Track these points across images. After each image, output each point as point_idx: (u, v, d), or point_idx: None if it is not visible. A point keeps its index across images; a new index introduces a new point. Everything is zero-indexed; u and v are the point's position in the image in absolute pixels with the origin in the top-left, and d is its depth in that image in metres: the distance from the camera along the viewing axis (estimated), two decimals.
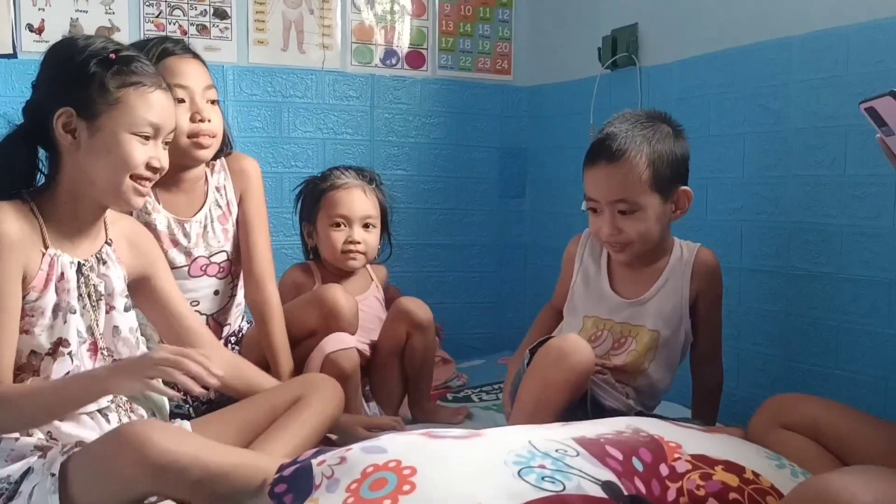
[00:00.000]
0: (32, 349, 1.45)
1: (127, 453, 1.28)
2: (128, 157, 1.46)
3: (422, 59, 2.92)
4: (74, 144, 1.45)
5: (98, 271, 1.54)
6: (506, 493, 1.12)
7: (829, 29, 1.91)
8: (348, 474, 1.18)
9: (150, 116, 1.48)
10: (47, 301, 1.46)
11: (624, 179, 1.68)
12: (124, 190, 1.49)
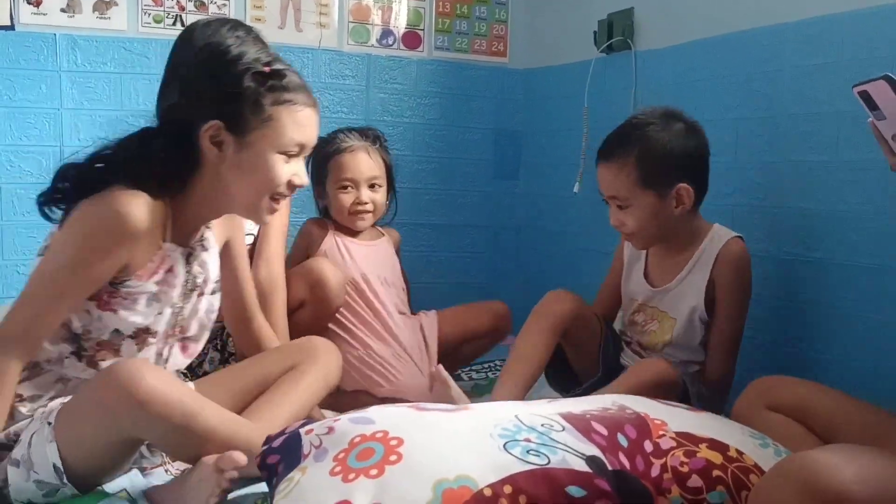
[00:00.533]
0: (117, 328, 1.42)
1: (116, 387, 1.29)
2: (273, 178, 1.44)
3: (418, 40, 2.91)
4: (219, 157, 1.42)
5: (200, 259, 1.53)
6: (491, 465, 1.13)
7: (823, 15, 1.92)
8: (336, 444, 1.20)
9: (298, 136, 1.45)
10: (146, 288, 1.43)
11: (614, 178, 1.80)
12: (261, 208, 1.47)
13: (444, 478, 1.11)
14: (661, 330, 1.88)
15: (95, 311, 1.41)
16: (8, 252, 2.37)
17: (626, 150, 1.77)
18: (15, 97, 2.35)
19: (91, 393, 1.34)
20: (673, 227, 1.82)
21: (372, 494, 1.09)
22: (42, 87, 2.38)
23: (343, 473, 1.13)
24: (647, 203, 1.78)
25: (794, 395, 1.48)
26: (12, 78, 2.34)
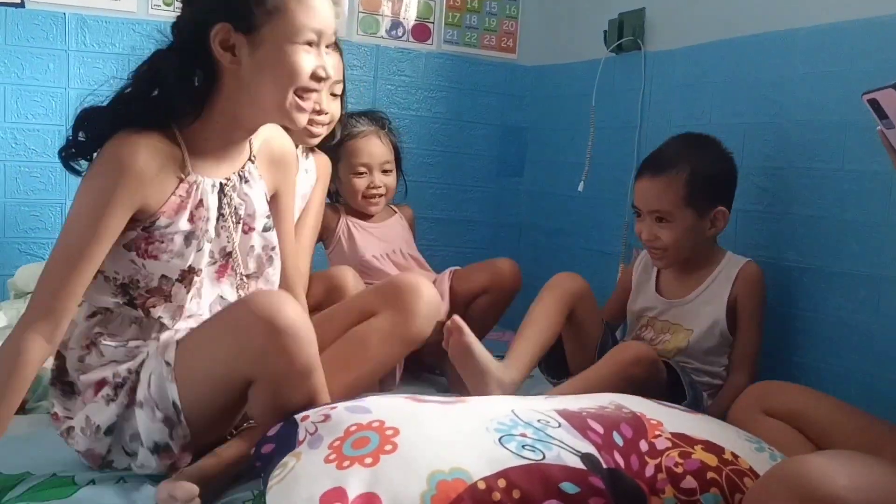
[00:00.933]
0: (164, 274, 1.40)
1: (256, 312, 1.27)
2: (296, 69, 1.37)
3: (427, 33, 2.91)
4: (235, 62, 1.36)
5: (240, 190, 1.47)
6: (486, 459, 1.13)
7: (834, 23, 1.91)
8: (332, 432, 1.20)
9: (312, 23, 1.37)
10: (180, 228, 1.39)
11: (661, 194, 1.88)
12: (288, 107, 1.39)
13: (439, 469, 1.11)
14: (675, 339, 1.93)
15: (139, 261, 1.39)
16: (10, 229, 2.37)
17: (677, 168, 1.87)
18: (23, 75, 2.35)
19: (225, 316, 1.33)
20: (698, 249, 1.93)
21: (366, 483, 1.10)
22: (50, 66, 2.38)
23: (338, 461, 1.14)
24: (687, 221, 1.88)
25: (790, 401, 1.49)
26: (21, 55, 2.34)
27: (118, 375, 1.39)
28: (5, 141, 2.35)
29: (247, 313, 1.29)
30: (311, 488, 1.10)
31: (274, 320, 1.26)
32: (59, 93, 2.39)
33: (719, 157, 1.93)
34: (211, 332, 1.35)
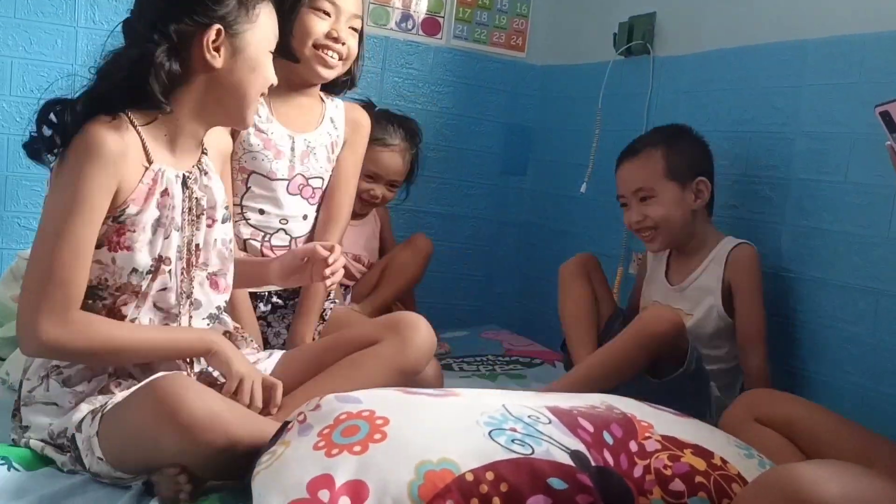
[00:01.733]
0: (134, 267, 1.42)
1: (158, 412, 1.25)
2: (268, 76, 1.50)
3: (437, 27, 2.91)
4: (216, 62, 1.43)
5: (201, 183, 1.51)
6: (475, 451, 1.13)
7: (845, 35, 1.91)
8: (321, 420, 1.20)
9: (275, 33, 1.52)
10: (148, 216, 1.42)
11: (639, 170, 1.98)
12: (252, 111, 1.51)
13: (428, 460, 1.11)
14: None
15: (108, 256, 1.40)
16: (11, 203, 2.37)
17: (653, 145, 1.98)
18: (30, 49, 2.34)
19: (131, 418, 1.30)
20: (691, 227, 1.98)
21: (354, 470, 1.09)
22: (58, 42, 2.37)
23: (326, 448, 1.13)
24: (671, 194, 1.95)
25: (782, 410, 1.49)
26: (29, 30, 2.33)
27: (52, 434, 1.40)
28: (10, 114, 2.34)
29: (149, 411, 1.27)
30: (299, 475, 1.10)
31: (177, 414, 1.23)
32: (65, 69, 2.38)
33: (693, 138, 2.02)
34: (125, 426, 1.32)
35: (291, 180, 1.96)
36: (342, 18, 1.92)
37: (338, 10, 1.91)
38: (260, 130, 1.92)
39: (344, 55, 1.95)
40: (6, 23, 2.31)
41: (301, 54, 1.91)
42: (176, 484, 1.27)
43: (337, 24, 1.92)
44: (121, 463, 1.32)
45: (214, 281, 1.56)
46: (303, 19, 1.89)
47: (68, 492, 1.31)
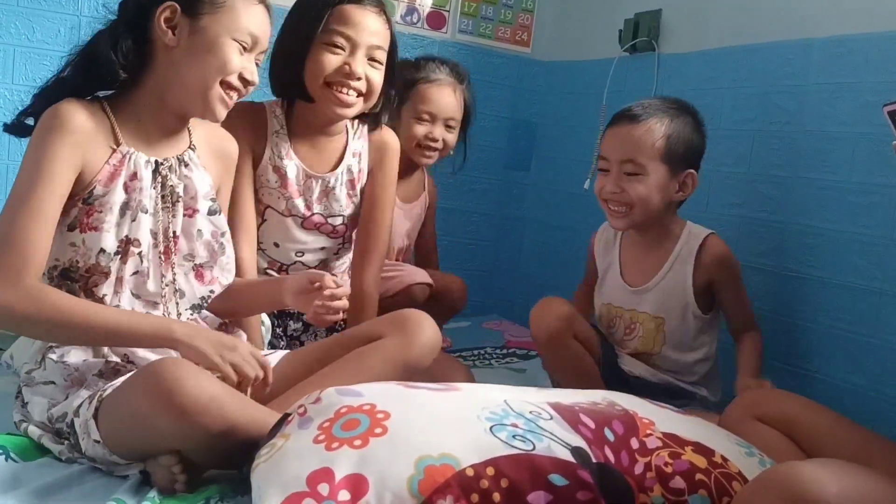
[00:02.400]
0: (101, 247, 1.43)
1: (154, 397, 1.24)
2: (226, 61, 1.45)
3: (442, 21, 2.90)
4: (172, 41, 1.44)
5: (179, 173, 1.52)
6: (476, 447, 1.13)
7: (850, 34, 1.90)
8: (322, 413, 1.19)
9: (251, 27, 1.48)
10: (115, 198, 1.44)
11: (638, 141, 1.79)
12: (212, 96, 1.47)
13: (428, 454, 1.10)
14: (648, 333, 1.86)
15: (79, 237, 1.43)
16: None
17: (658, 119, 1.80)
18: (32, 38, 2.34)
19: (129, 401, 1.30)
20: (660, 216, 1.84)
21: (354, 464, 1.09)
22: (61, 31, 2.36)
23: (327, 442, 1.13)
24: (659, 176, 1.79)
25: (783, 409, 1.48)
26: (32, 18, 2.33)
27: (52, 417, 1.40)
28: (11, 102, 2.33)
29: (145, 397, 1.26)
30: (299, 468, 1.10)
31: (174, 397, 1.23)
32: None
33: (697, 123, 1.86)
34: (122, 412, 1.31)
35: (308, 218, 1.91)
36: (359, 51, 1.77)
37: (353, 42, 1.78)
38: (277, 167, 1.86)
39: (363, 90, 1.81)
40: (9, 11, 2.30)
41: (314, 93, 1.81)
42: (171, 473, 1.27)
43: (352, 58, 1.77)
44: (117, 446, 1.32)
45: (200, 272, 1.57)
46: (314, 55, 1.78)
47: (65, 482, 1.31)
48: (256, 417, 1.29)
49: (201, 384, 1.25)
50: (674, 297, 1.84)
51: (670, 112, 1.82)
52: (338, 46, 1.77)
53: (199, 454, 1.29)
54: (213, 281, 1.59)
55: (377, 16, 1.81)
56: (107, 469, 1.35)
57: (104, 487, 1.31)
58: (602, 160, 1.85)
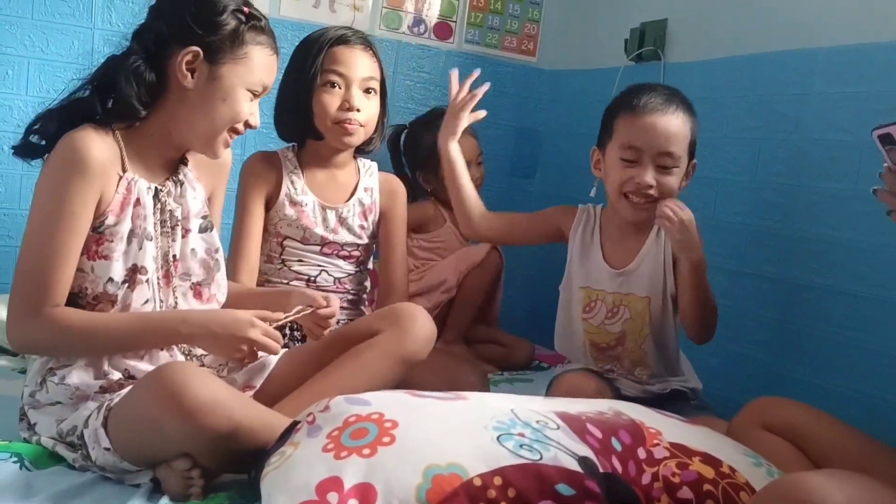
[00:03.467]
0: (110, 276, 1.45)
1: (161, 399, 1.27)
2: (238, 111, 1.50)
3: (449, 31, 2.92)
4: (190, 84, 1.46)
5: (175, 195, 1.54)
6: (483, 456, 1.13)
7: (855, 44, 1.92)
8: (330, 422, 1.20)
9: (265, 78, 1.53)
10: (125, 227, 1.46)
11: (678, 133, 1.72)
12: (217, 140, 1.52)
13: (436, 464, 1.11)
14: (636, 313, 1.80)
15: (87, 264, 1.44)
16: (25, 202, 2.37)
17: (683, 110, 1.75)
18: (47, 50, 2.36)
19: (137, 407, 1.32)
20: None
21: (362, 473, 1.10)
22: (74, 43, 2.39)
23: (335, 450, 1.14)
24: (683, 168, 1.76)
25: (790, 417, 1.48)
26: (46, 30, 2.35)
27: (62, 432, 1.42)
28: (26, 114, 2.35)
29: (152, 400, 1.29)
30: (308, 476, 1.11)
31: (181, 399, 1.25)
32: (81, 71, 2.37)
33: (693, 110, 1.80)
34: (130, 416, 1.33)
35: (325, 245, 2.01)
36: (353, 86, 1.93)
37: (346, 79, 1.93)
38: (294, 202, 1.97)
39: (362, 121, 1.96)
40: (23, 23, 2.32)
41: (325, 132, 1.96)
42: (188, 479, 1.29)
43: (348, 93, 1.93)
44: (128, 453, 1.33)
45: (198, 291, 1.58)
46: (318, 98, 1.93)
47: (78, 490, 1.33)
48: (262, 418, 1.32)
49: (207, 386, 1.28)
50: (657, 275, 1.80)
51: (680, 100, 1.77)
52: (334, 85, 1.93)
53: (207, 457, 1.31)
54: (212, 298, 1.60)
55: (364, 52, 1.97)
56: (117, 477, 1.37)
57: (117, 495, 1.33)
58: (631, 150, 1.73)
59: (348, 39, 1.96)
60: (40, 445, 1.42)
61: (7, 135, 2.34)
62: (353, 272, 2.06)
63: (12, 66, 2.33)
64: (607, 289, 1.85)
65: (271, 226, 1.98)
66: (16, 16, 2.31)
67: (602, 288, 1.85)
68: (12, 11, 2.31)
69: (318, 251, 2.00)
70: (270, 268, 1.99)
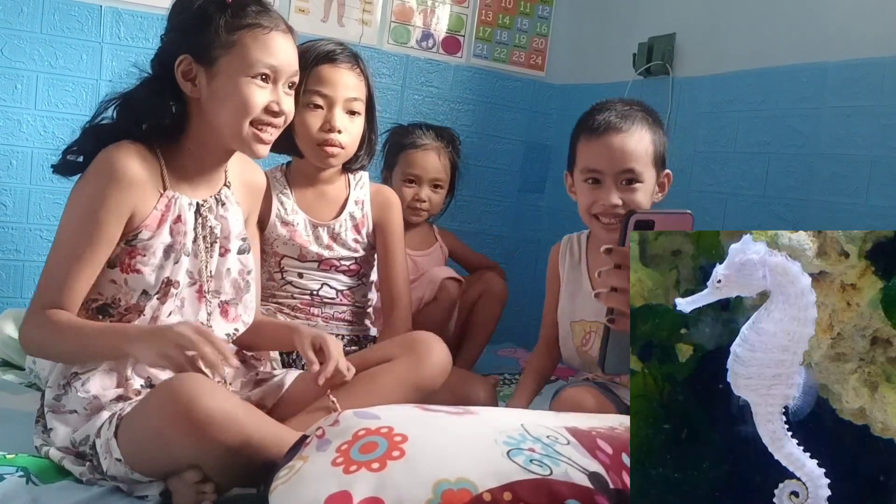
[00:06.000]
0: (144, 289, 1.46)
1: (172, 413, 1.26)
2: (245, 102, 1.46)
3: (457, 46, 2.92)
4: (196, 92, 1.46)
5: (216, 213, 1.54)
6: (493, 471, 1.12)
7: (866, 58, 1.91)
8: (340, 436, 1.19)
9: (266, 58, 1.46)
10: (160, 241, 1.46)
11: (635, 150, 1.71)
12: (245, 137, 1.48)
13: (445, 478, 1.10)
14: None
15: (121, 276, 1.45)
16: (33, 216, 2.39)
17: (640, 125, 1.73)
18: (56, 64, 2.37)
19: (147, 419, 1.32)
20: None
21: (372, 488, 1.09)
22: (83, 57, 2.40)
23: (345, 464, 1.13)
24: (650, 182, 1.73)
25: None
26: (55, 45, 2.36)
27: (74, 441, 1.42)
28: (34, 129, 2.37)
29: (163, 415, 1.28)
30: (317, 490, 1.10)
31: (191, 412, 1.24)
32: (90, 84, 2.41)
33: (660, 121, 1.80)
34: (140, 430, 1.33)
35: (322, 262, 2.00)
36: (336, 107, 1.89)
37: (329, 100, 1.89)
38: (286, 222, 1.97)
39: (344, 142, 1.92)
40: (33, 38, 2.34)
41: (305, 152, 1.94)
42: (200, 493, 1.28)
43: (330, 114, 1.89)
44: (138, 464, 1.33)
45: (225, 309, 1.58)
46: (300, 118, 1.85)
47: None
48: (273, 433, 1.31)
49: (217, 399, 1.27)
50: None
51: (641, 114, 1.76)
52: (317, 105, 1.89)
53: (217, 471, 1.30)
54: (237, 318, 1.60)
55: (350, 71, 1.91)
56: (128, 489, 1.36)
57: None
58: (592, 172, 1.74)
59: (335, 58, 1.91)
60: (47, 458, 1.42)
61: (16, 149, 2.36)
62: (355, 285, 2.06)
63: (21, 80, 2.34)
64: (600, 319, 1.80)
65: (267, 245, 1.98)
66: (25, 30, 2.33)
67: (595, 318, 1.83)
68: (22, 26, 2.32)
69: (315, 267, 2.00)
70: (273, 285, 1.99)
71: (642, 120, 1.74)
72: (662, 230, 1.07)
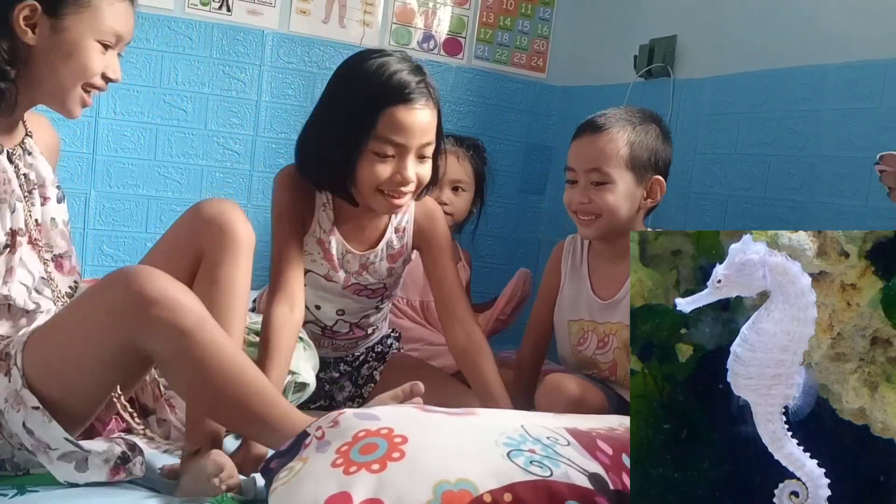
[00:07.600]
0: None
1: (124, 287, 1.25)
2: (87, 65, 1.41)
3: (458, 47, 2.93)
4: (32, 40, 1.39)
5: (25, 161, 1.48)
6: (493, 472, 1.13)
7: (867, 60, 1.91)
8: (340, 437, 1.20)
9: (116, 26, 1.43)
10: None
11: (602, 150, 1.78)
12: (71, 98, 1.44)
13: (445, 479, 1.10)
14: (624, 343, 1.79)
15: None
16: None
17: (619, 128, 1.79)
18: None
19: (92, 297, 1.29)
20: (629, 224, 1.81)
21: (372, 489, 1.09)
22: None
23: (345, 466, 1.13)
24: (626, 184, 1.78)
25: None
26: None
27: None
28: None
29: (114, 289, 1.27)
30: (317, 491, 1.10)
31: (145, 292, 1.24)
32: None
33: (662, 131, 1.85)
34: (77, 314, 1.30)
35: (347, 286, 1.87)
36: (409, 155, 1.68)
37: (402, 149, 1.67)
38: (321, 241, 1.82)
39: (413, 189, 1.73)
40: None
41: (365, 199, 1.74)
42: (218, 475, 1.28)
43: (401, 164, 1.68)
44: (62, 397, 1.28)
45: (59, 262, 1.53)
46: (364, 167, 1.68)
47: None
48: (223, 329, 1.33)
49: (165, 279, 1.28)
50: None
51: (633, 120, 1.82)
52: (388, 155, 1.68)
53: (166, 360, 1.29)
54: (73, 271, 1.55)
55: (425, 107, 1.68)
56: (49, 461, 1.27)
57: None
58: (569, 171, 1.85)
59: (411, 97, 1.65)
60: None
61: None
62: (373, 307, 1.95)
63: None
64: (597, 319, 1.86)
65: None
66: None
67: (592, 318, 1.87)
68: None
69: (339, 288, 1.86)
70: None
71: (625, 123, 1.80)
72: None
